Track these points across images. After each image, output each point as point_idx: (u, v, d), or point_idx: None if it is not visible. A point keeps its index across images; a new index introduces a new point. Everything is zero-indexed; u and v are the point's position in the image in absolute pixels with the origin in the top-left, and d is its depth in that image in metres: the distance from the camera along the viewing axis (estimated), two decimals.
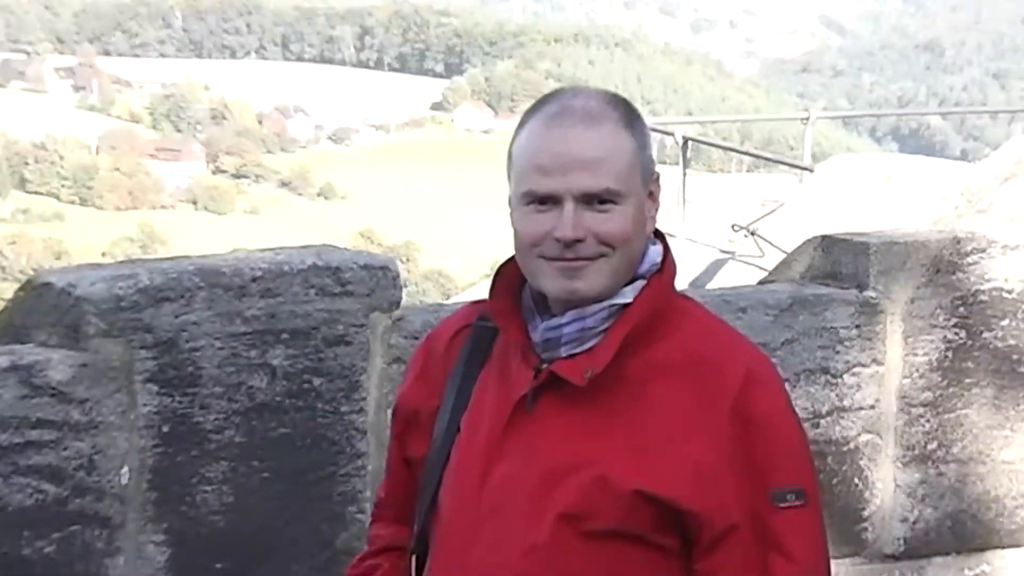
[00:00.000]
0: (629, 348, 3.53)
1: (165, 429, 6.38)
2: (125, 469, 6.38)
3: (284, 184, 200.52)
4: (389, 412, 4.92)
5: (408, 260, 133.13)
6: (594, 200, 3.45)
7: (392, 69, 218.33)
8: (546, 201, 3.46)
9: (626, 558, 3.51)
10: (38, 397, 6.27)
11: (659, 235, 3.76)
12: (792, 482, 3.58)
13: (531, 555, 3.51)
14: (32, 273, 7.92)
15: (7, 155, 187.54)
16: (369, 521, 4.35)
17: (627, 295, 3.56)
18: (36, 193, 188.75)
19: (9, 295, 7.19)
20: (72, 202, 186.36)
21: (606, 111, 3.56)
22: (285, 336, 6.79)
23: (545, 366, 3.55)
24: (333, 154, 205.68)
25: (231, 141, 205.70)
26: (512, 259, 3.69)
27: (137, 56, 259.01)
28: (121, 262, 8.06)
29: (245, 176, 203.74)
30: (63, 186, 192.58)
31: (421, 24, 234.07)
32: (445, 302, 13.76)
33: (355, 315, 6.99)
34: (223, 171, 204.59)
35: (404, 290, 7.64)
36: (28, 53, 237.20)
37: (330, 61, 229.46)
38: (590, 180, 3.43)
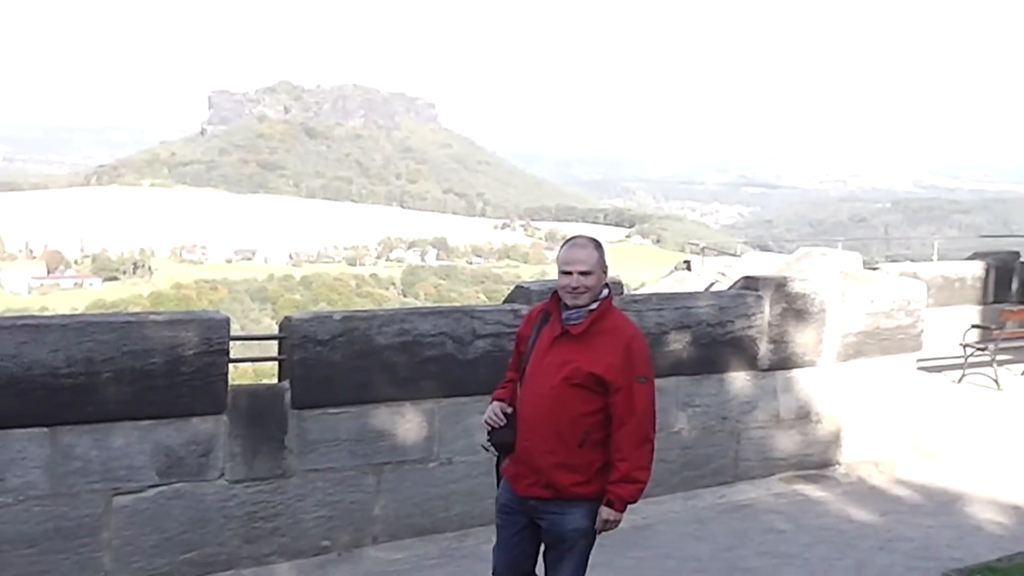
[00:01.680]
0: (593, 323, 5.24)
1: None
2: None
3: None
4: None
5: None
6: (583, 273, 5.20)
7: (608, 225, 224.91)
8: (568, 273, 5.22)
9: (583, 393, 5.18)
10: (518, 318, 7.84)
11: (607, 285, 5.35)
12: (644, 373, 5.26)
13: (552, 389, 5.19)
14: (515, 283, 8.96)
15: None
16: (506, 371, 5.75)
17: (593, 306, 5.25)
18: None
19: (505, 292, 9.10)
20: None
21: (589, 244, 5.31)
22: None
23: (565, 327, 5.27)
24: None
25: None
26: (556, 291, 5.38)
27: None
28: (538, 279, 9.19)
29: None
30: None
31: (623, 213, 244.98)
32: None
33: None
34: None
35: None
36: None
37: (592, 223, 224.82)
38: (583, 267, 5.21)
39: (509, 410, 5.38)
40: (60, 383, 6.64)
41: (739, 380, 9.63)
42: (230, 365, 7.33)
